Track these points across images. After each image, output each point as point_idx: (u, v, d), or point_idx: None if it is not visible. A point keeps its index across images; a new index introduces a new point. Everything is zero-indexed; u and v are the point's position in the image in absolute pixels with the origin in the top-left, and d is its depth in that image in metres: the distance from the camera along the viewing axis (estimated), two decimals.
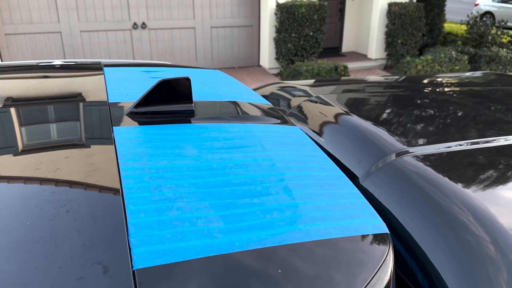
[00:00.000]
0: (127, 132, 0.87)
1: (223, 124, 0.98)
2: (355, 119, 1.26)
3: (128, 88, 1.16)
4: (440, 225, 0.85)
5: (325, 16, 7.40)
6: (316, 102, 1.44)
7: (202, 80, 1.34)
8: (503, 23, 8.73)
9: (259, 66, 8.15)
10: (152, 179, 0.72)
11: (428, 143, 1.11)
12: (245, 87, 1.36)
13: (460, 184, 0.94)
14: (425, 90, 1.61)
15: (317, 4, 7.26)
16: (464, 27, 9.90)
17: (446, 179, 0.95)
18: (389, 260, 0.62)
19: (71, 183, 0.69)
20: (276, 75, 7.69)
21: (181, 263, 0.55)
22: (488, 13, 14.11)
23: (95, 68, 1.37)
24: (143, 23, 7.28)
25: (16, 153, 0.77)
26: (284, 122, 1.08)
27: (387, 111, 1.35)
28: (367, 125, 1.21)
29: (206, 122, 0.98)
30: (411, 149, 1.07)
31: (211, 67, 7.90)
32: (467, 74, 2.07)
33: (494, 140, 1.14)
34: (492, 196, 0.91)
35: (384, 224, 0.70)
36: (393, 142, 1.11)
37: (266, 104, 1.21)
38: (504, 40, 8.62)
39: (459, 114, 1.32)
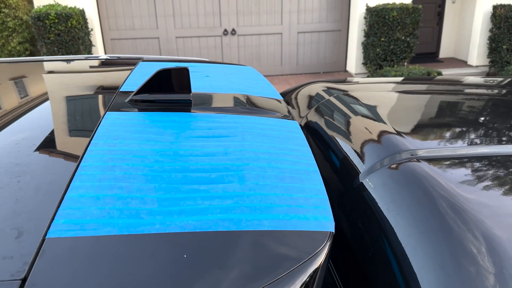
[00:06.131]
0: (115, 117, 0.91)
1: (214, 114, 0.97)
2: (370, 115, 1.17)
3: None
4: (440, 246, 0.73)
5: (418, 20, 6.98)
6: (337, 99, 1.36)
7: (224, 75, 1.35)
8: None
9: (346, 71, 7.96)
10: (112, 160, 0.74)
11: (446, 145, 0.99)
12: (267, 83, 1.34)
13: (476, 200, 0.81)
14: (455, 93, 1.44)
15: (410, 7, 6.88)
16: None
17: (458, 191, 0.82)
18: (314, 260, 0.56)
19: (37, 157, 0.74)
20: None
21: (90, 238, 0.56)
22: None
23: (131, 63, 1.45)
24: (233, 29, 7.54)
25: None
26: (286, 116, 1.04)
27: (411, 111, 1.23)
28: (383, 124, 1.11)
29: (200, 112, 0.98)
30: (422, 150, 0.96)
31: (295, 72, 7.90)
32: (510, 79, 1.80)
33: None
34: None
35: (333, 223, 0.64)
36: (404, 141, 1.00)
37: (278, 99, 1.18)
38: None
39: (493, 118, 1.15)
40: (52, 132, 0.85)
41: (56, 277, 0.50)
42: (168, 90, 1.00)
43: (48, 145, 0.80)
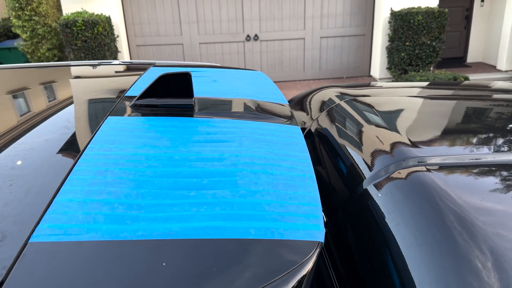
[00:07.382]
0: (115, 121, 0.91)
1: (214, 119, 0.96)
2: (379, 121, 1.13)
3: None
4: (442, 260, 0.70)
5: (445, 24, 6.82)
6: (348, 104, 1.33)
7: (231, 80, 1.34)
8: None
9: (370, 76, 7.84)
10: (105, 164, 0.74)
11: (456, 153, 0.94)
12: (274, 88, 1.32)
13: (484, 210, 0.77)
14: (470, 98, 1.38)
15: (436, 11, 6.72)
16: None
17: (465, 201, 0.78)
18: (299, 271, 0.54)
19: (33, 160, 0.75)
20: None
21: (71, 243, 0.55)
22: None
23: (142, 68, 1.46)
24: (256, 35, 7.55)
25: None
26: (288, 122, 1.02)
27: (422, 117, 1.19)
28: (391, 130, 1.08)
29: (200, 117, 0.97)
30: (429, 158, 0.92)
31: (318, 77, 7.84)
32: None
33: None
34: None
35: (322, 233, 0.61)
36: (412, 148, 0.96)
37: (282, 104, 1.16)
38: None
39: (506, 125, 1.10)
40: (52, 136, 0.86)
41: (33, 282, 0.50)
42: (171, 94, 1.00)
43: (46, 148, 0.80)
